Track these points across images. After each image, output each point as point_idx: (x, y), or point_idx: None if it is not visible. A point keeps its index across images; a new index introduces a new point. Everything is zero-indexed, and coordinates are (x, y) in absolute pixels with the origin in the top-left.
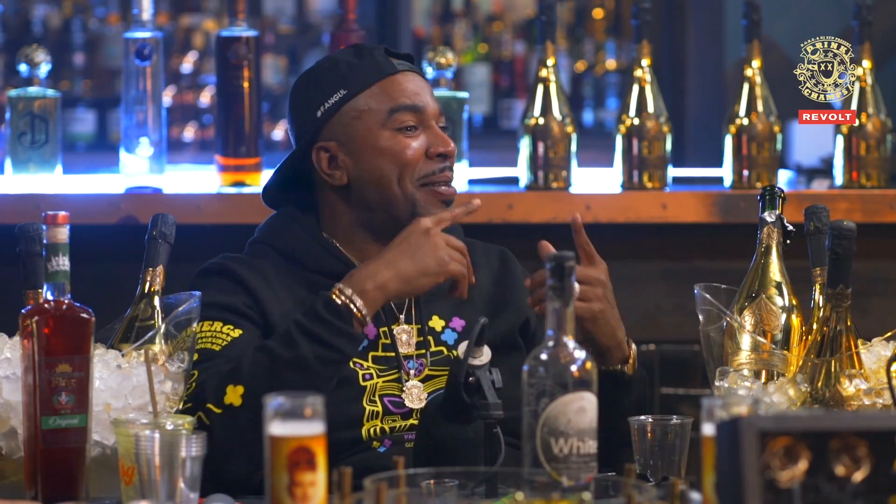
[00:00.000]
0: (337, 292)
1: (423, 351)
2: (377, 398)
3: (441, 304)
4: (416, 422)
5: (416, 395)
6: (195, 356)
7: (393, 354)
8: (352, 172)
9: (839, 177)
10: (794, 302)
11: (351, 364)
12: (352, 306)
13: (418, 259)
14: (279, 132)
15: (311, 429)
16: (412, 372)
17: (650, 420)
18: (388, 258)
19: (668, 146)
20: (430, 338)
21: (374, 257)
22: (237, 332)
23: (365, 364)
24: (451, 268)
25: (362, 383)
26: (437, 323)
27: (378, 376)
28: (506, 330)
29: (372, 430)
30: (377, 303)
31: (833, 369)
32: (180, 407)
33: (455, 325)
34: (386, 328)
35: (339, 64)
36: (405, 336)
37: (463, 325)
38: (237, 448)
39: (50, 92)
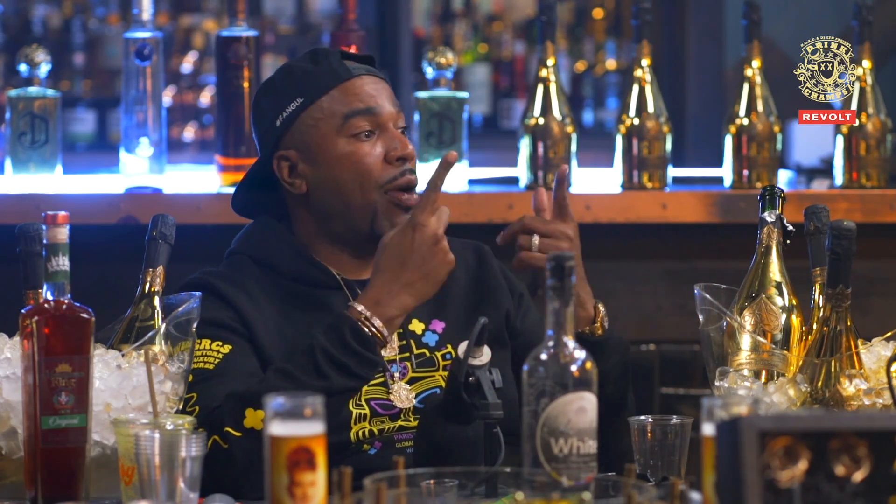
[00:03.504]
0: (365, 322)
1: (407, 354)
2: (363, 402)
3: (419, 307)
4: (404, 423)
5: (403, 395)
6: (188, 377)
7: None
8: (311, 181)
9: (839, 177)
10: (794, 302)
11: None
12: (379, 336)
13: (433, 275)
14: None
15: (311, 429)
16: (396, 375)
17: (650, 420)
18: (407, 280)
19: (668, 146)
20: (411, 341)
21: (391, 277)
22: (227, 348)
23: None
24: (454, 265)
25: None
26: (416, 326)
27: None
28: (491, 328)
29: (361, 433)
30: (398, 326)
31: (833, 369)
32: (180, 407)
33: (435, 327)
34: None
35: (294, 71)
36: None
37: (443, 327)
38: (259, 470)
39: (50, 92)
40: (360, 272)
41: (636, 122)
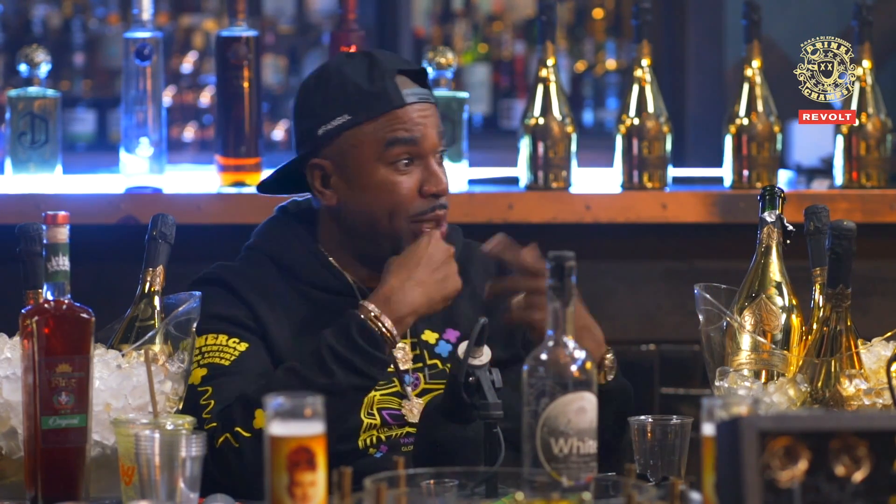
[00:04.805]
0: (373, 319)
1: (420, 365)
2: (375, 411)
3: (431, 316)
4: (412, 429)
5: (416, 411)
6: (203, 371)
7: (391, 370)
8: (342, 197)
9: (839, 177)
10: (794, 302)
11: None
12: (388, 334)
13: (445, 286)
14: (279, 132)
15: (311, 429)
16: (409, 389)
17: (650, 420)
18: (419, 278)
19: (668, 146)
20: (424, 352)
21: (404, 275)
22: (244, 346)
23: None
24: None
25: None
26: (429, 336)
27: (376, 389)
28: (503, 333)
29: (369, 440)
30: (408, 327)
31: (833, 369)
32: (180, 407)
33: (449, 336)
34: None
35: (347, 85)
36: (401, 353)
37: (457, 336)
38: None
39: (50, 92)
40: (377, 281)
41: (636, 122)
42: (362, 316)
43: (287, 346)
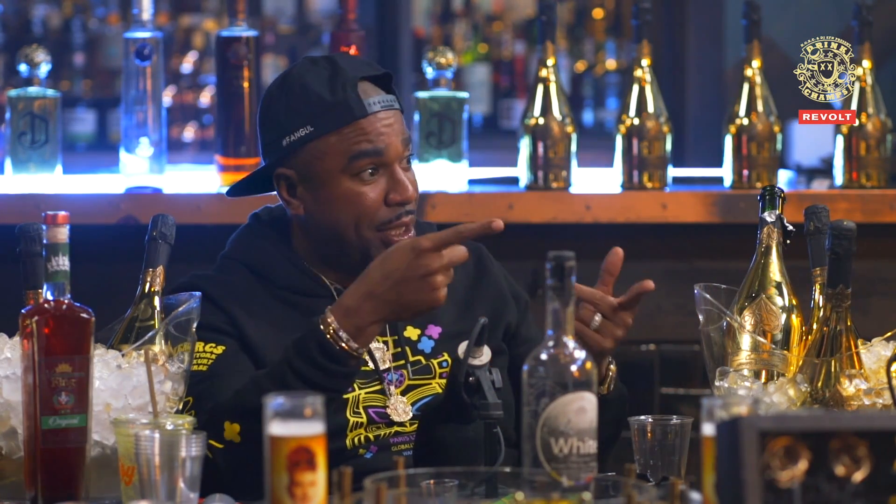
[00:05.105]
0: (332, 333)
1: (402, 362)
2: (361, 409)
3: None
4: (400, 428)
5: (401, 409)
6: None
7: (372, 368)
8: (308, 207)
9: (839, 177)
10: (794, 302)
11: None
12: (349, 349)
13: (409, 304)
14: None
15: (311, 429)
16: (392, 388)
17: (650, 420)
18: (381, 295)
19: (668, 146)
20: (406, 348)
21: (364, 289)
22: (220, 349)
23: None
24: (441, 303)
25: (344, 395)
26: (411, 333)
27: (360, 388)
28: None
29: (356, 439)
30: (373, 337)
31: (833, 369)
32: (180, 407)
33: (431, 332)
34: None
35: (310, 94)
36: (379, 353)
37: (439, 332)
38: (243, 478)
39: (50, 92)
40: (353, 280)
41: (636, 122)
42: (322, 327)
43: (268, 351)
